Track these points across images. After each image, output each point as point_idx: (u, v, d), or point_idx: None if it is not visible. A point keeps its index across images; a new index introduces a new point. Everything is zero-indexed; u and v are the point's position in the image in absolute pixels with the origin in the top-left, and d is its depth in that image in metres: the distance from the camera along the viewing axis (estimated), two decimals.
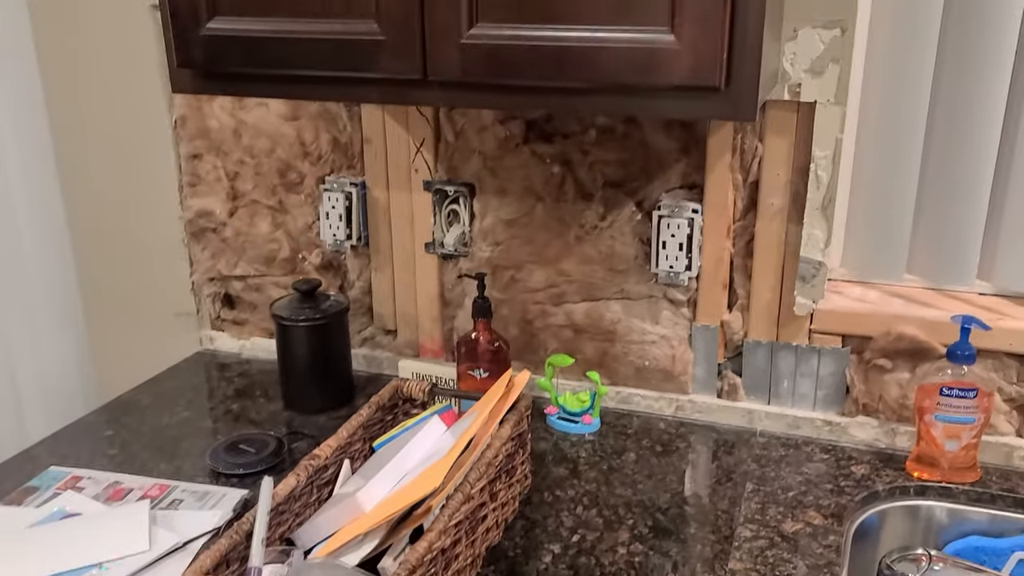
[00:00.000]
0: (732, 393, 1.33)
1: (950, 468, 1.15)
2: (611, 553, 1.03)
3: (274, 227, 1.48)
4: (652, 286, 1.31)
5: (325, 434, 1.29)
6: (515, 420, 1.06)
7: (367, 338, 1.50)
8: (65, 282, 1.63)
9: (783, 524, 1.08)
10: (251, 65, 0.96)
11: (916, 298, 1.26)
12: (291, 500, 0.93)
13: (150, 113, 1.47)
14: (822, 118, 1.14)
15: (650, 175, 1.27)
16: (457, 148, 1.34)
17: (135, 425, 1.31)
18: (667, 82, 0.83)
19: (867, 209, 1.23)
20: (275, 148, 1.42)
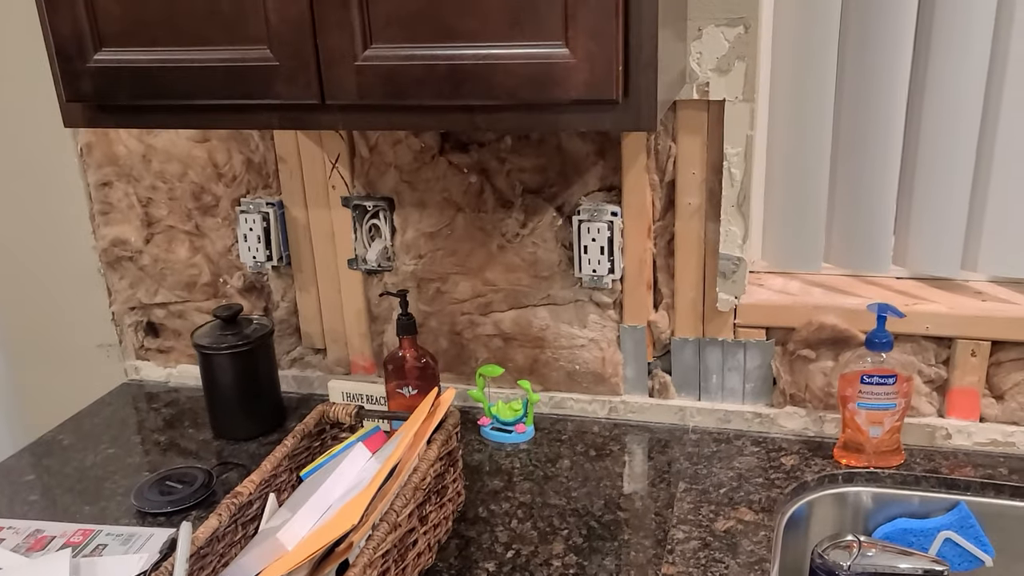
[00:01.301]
0: (663, 391, 1.34)
1: (875, 453, 1.18)
2: (546, 567, 1.03)
3: (193, 252, 1.44)
4: (577, 290, 1.31)
5: (256, 462, 1.26)
6: (443, 439, 1.05)
7: (296, 359, 1.48)
8: None
9: (715, 523, 1.09)
10: (144, 96, 0.93)
11: (836, 286, 1.28)
12: (214, 541, 0.90)
13: (54, 142, 1.42)
14: (732, 115, 1.15)
15: (568, 180, 1.26)
16: (373, 162, 1.32)
17: (57, 467, 1.27)
18: (565, 97, 0.82)
19: (782, 202, 1.24)
20: (187, 171, 1.39)
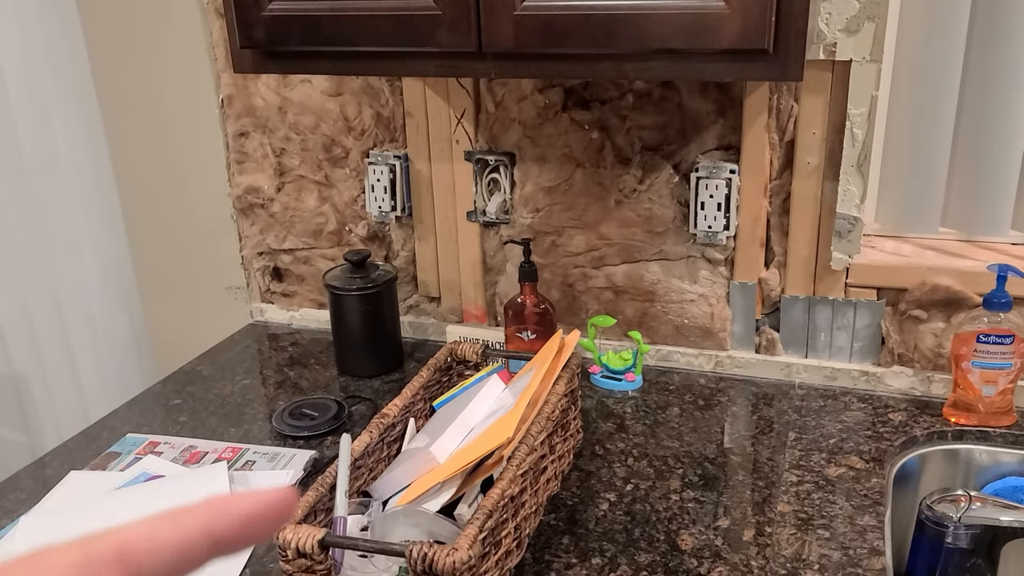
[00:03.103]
0: (770, 348, 1.38)
1: (987, 412, 1.20)
2: (664, 500, 1.08)
3: (321, 201, 1.52)
4: (690, 246, 1.35)
5: (380, 397, 1.34)
6: (568, 377, 1.11)
7: (412, 306, 1.56)
8: (119, 260, 1.68)
9: (826, 469, 1.13)
10: (311, 43, 1.00)
11: (950, 250, 1.30)
12: (366, 456, 0.98)
13: (198, 93, 1.51)
14: (858, 76, 1.17)
15: (687, 138, 1.30)
16: (497, 118, 1.38)
17: (200, 394, 1.37)
18: (717, 46, 0.86)
19: (901, 164, 1.26)
20: (320, 124, 1.47)
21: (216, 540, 0.23)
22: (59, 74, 1.55)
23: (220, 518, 0.23)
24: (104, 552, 0.22)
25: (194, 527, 0.23)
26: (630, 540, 1.01)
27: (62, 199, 1.60)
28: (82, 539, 0.22)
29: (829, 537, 1.00)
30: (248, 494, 0.24)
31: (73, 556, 0.22)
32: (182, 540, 0.23)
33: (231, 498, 0.24)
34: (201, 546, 0.23)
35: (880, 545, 0.98)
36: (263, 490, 0.24)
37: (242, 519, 0.23)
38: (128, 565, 0.22)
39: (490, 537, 0.86)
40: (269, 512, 0.24)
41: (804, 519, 1.04)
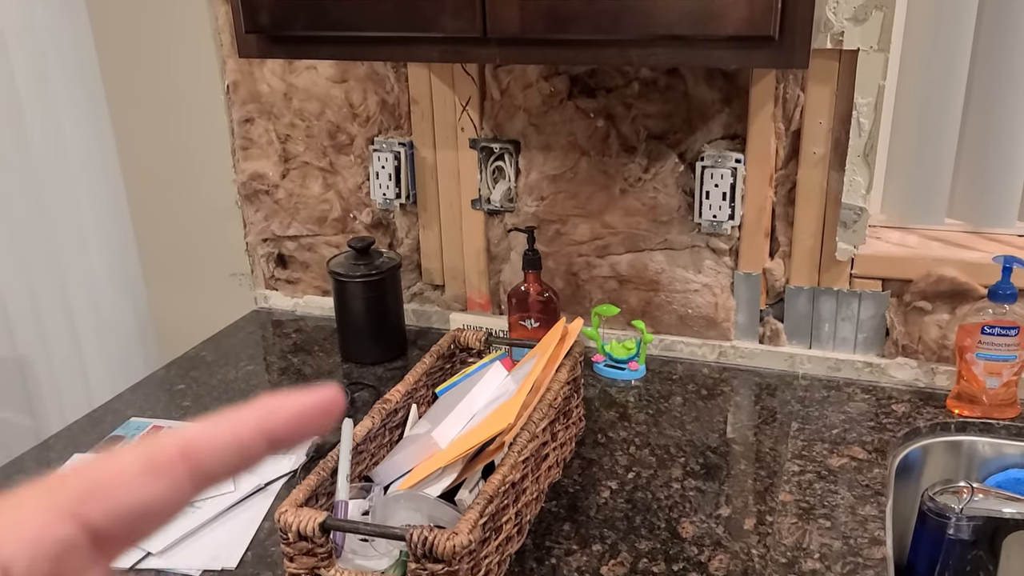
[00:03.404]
0: (774, 338, 1.37)
1: (990, 404, 1.19)
2: (666, 488, 1.08)
3: (325, 188, 1.52)
4: (695, 236, 1.35)
5: (384, 384, 1.35)
6: (570, 365, 1.11)
7: (416, 293, 1.56)
8: (124, 246, 1.69)
9: (829, 459, 1.13)
10: (315, 28, 1.00)
11: (955, 241, 1.29)
12: (367, 441, 0.98)
13: (203, 79, 1.51)
14: (865, 65, 1.17)
15: (692, 127, 1.30)
16: (502, 106, 1.37)
17: (204, 379, 1.38)
18: (722, 33, 0.86)
19: (908, 154, 1.26)
20: (324, 110, 1.47)
21: (271, 437, 0.25)
22: (65, 61, 1.55)
23: (273, 417, 0.25)
24: (168, 451, 0.23)
25: (250, 426, 0.24)
26: (631, 527, 1.01)
27: (68, 185, 1.61)
28: (146, 441, 0.24)
29: (830, 527, 1.00)
30: (298, 394, 0.25)
31: (139, 456, 0.23)
32: (240, 438, 0.24)
33: (282, 398, 0.25)
34: (257, 443, 0.24)
35: (881, 535, 0.98)
36: (311, 390, 0.26)
37: (294, 417, 0.25)
38: (191, 462, 0.23)
39: (490, 522, 0.87)
40: (318, 410, 0.25)
41: (805, 508, 1.04)
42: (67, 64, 1.56)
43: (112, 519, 0.22)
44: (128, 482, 0.23)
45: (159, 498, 0.23)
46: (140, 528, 0.23)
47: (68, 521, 0.22)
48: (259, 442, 0.24)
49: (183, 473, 0.23)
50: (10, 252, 1.63)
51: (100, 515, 0.22)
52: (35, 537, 0.22)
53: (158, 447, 0.23)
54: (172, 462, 0.23)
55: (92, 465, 0.23)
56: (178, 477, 0.23)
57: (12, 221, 1.62)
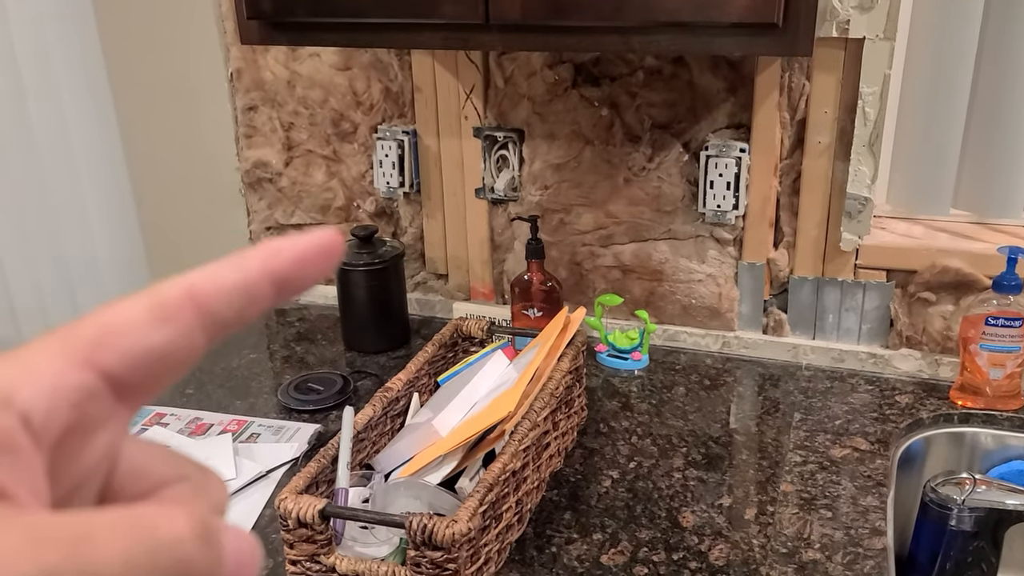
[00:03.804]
0: (778, 329, 1.37)
1: (994, 396, 1.19)
2: (667, 478, 1.08)
3: (329, 176, 1.52)
4: (699, 226, 1.35)
5: (386, 373, 1.35)
6: (572, 355, 1.11)
7: (419, 282, 1.56)
8: (128, 234, 1.69)
9: (831, 450, 1.13)
10: (317, 14, 0.99)
11: (961, 232, 1.28)
12: (368, 429, 0.99)
13: (207, 66, 1.51)
14: (870, 54, 1.16)
15: (697, 116, 1.29)
16: (506, 94, 1.37)
17: (207, 367, 1.38)
18: (725, 20, 0.85)
19: (913, 144, 1.25)
20: (328, 98, 1.46)
21: (276, 278, 0.24)
22: (69, 48, 1.55)
23: (276, 258, 0.24)
24: (173, 294, 0.23)
25: (254, 268, 0.24)
26: (631, 517, 1.01)
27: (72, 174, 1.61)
28: (152, 287, 0.23)
29: (831, 517, 1.00)
30: (298, 236, 0.25)
31: (146, 301, 0.23)
32: (245, 280, 0.23)
33: (283, 240, 0.25)
34: (263, 285, 0.24)
35: (882, 525, 0.98)
36: (311, 232, 0.25)
37: (296, 258, 0.24)
38: (198, 305, 0.23)
39: (491, 510, 0.87)
40: (320, 249, 0.25)
41: (807, 499, 1.03)
42: (71, 53, 1.56)
43: (126, 366, 0.22)
44: (138, 328, 0.22)
45: (170, 343, 0.22)
46: (156, 376, 0.22)
47: (84, 367, 0.21)
48: (265, 284, 0.24)
49: (192, 316, 0.23)
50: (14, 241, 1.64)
51: (114, 361, 0.22)
52: (53, 384, 0.21)
53: (163, 291, 0.23)
54: (180, 305, 0.22)
55: (99, 313, 0.22)
56: (187, 321, 0.23)
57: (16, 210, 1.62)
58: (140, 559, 0.20)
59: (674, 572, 0.92)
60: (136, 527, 0.20)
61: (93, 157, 1.62)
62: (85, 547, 0.19)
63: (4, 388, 0.21)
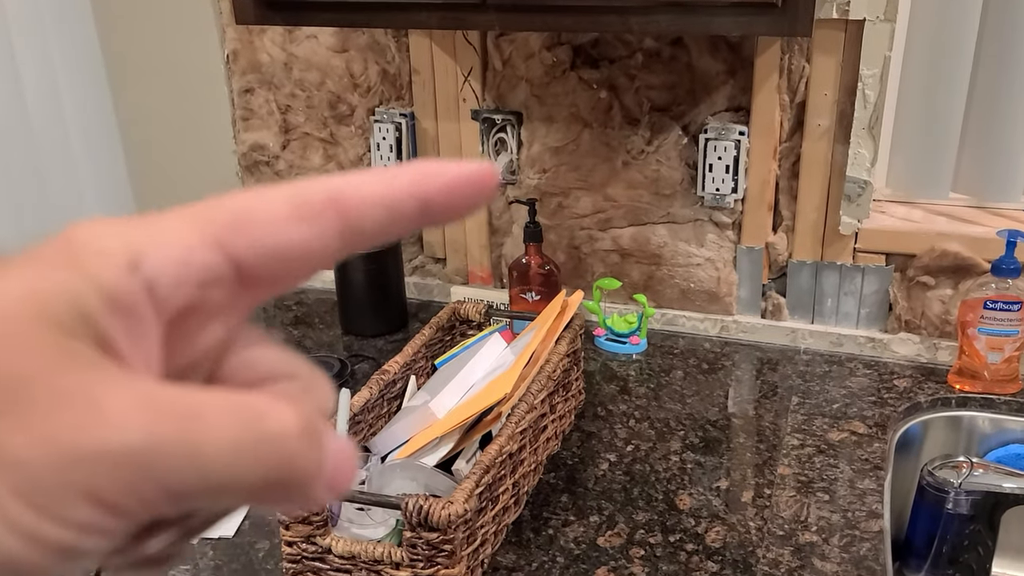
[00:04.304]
0: (776, 313, 1.37)
1: (992, 380, 1.19)
2: (664, 461, 1.08)
3: (326, 159, 1.51)
4: (698, 209, 1.34)
5: (384, 356, 1.34)
6: (570, 338, 1.11)
7: (417, 266, 1.55)
8: None
9: (829, 433, 1.13)
10: None
11: (960, 216, 1.28)
12: (365, 411, 0.98)
13: (202, 48, 1.50)
14: (870, 36, 1.15)
15: (696, 99, 1.28)
16: (504, 76, 1.36)
17: None
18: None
19: (913, 127, 1.24)
20: (325, 80, 1.45)
21: (424, 202, 0.23)
22: (63, 29, 1.54)
23: (428, 179, 0.23)
24: (318, 195, 0.22)
25: (403, 186, 0.22)
26: (628, 499, 1.01)
27: (68, 158, 1.60)
28: (294, 183, 0.22)
29: (828, 500, 1.00)
30: (453, 162, 0.23)
31: (288, 197, 0.22)
32: (392, 196, 0.22)
33: (438, 163, 0.23)
34: (409, 206, 0.22)
35: (879, 508, 0.98)
36: (467, 160, 0.24)
37: (450, 183, 0.23)
38: (340, 212, 0.22)
39: (487, 492, 0.87)
40: (474, 180, 0.23)
41: (804, 482, 1.03)
42: (65, 32, 1.55)
43: (257, 257, 0.21)
44: (276, 220, 0.21)
45: (305, 243, 0.21)
46: (284, 273, 0.22)
47: (215, 248, 0.21)
48: (411, 205, 0.22)
49: (332, 221, 0.21)
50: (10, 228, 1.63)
51: (245, 249, 0.21)
52: (182, 257, 0.20)
53: (307, 190, 0.22)
54: (322, 207, 0.21)
55: (239, 198, 0.21)
56: (326, 225, 0.21)
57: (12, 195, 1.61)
58: (246, 447, 0.19)
59: (670, 554, 0.92)
60: (246, 415, 0.20)
61: (89, 141, 1.61)
62: (195, 425, 0.19)
63: (133, 251, 0.20)
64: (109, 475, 0.18)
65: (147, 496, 0.19)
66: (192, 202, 0.22)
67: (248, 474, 0.19)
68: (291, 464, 0.20)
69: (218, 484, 0.19)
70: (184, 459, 0.19)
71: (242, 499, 0.20)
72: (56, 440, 0.18)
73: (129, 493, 0.18)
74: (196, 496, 0.19)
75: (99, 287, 0.19)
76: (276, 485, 0.20)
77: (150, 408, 0.19)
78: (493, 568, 0.91)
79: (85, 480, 0.18)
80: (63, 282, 0.19)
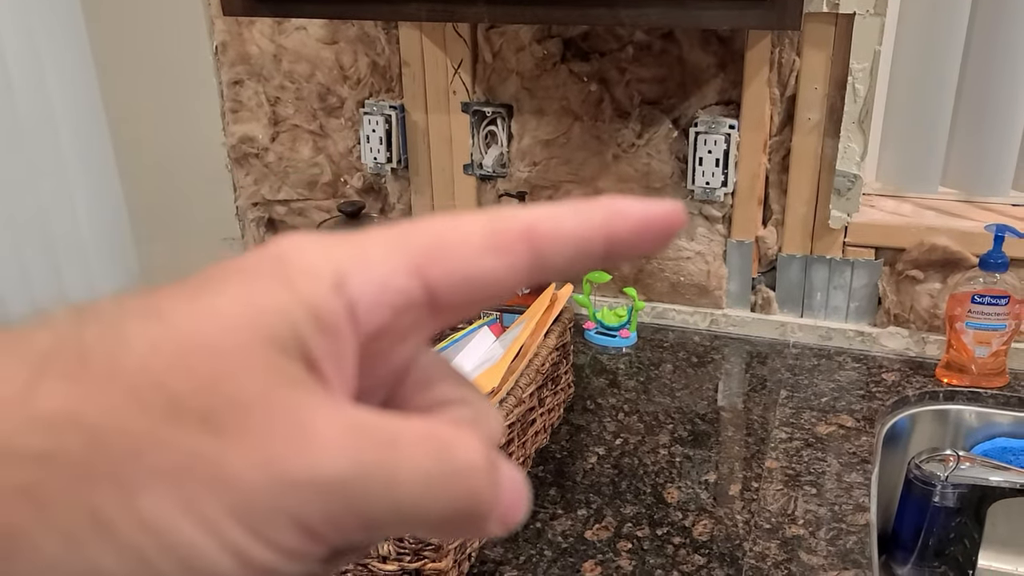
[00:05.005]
0: (766, 306, 1.37)
1: (979, 373, 1.19)
2: (653, 454, 1.08)
3: (316, 151, 1.51)
4: (688, 203, 1.34)
5: None
6: (559, 331, 1.11)
7: None
8: (114, 212, 1.68)
9: (817, 427, 1.13)
10: None
11: (949, 210, 1.28)
12: None
13: (191, 40, 1.49)
14: (861, 30, 1.15)
15: (687, 92, 1.28)
16: (495, 69, 1.35)
17: None
18: None
19: (903, 121, 1.24)
20: (315, 72, 1.45)
21: (612, 240, 0.23)
22: (51, 21, 1.53)
23: (619, 218, 0.23)
24: (514, 228, 0.22)
25: (596, 223, 0.23)
26: (616, 493, 1.01)
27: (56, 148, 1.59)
28: (491, 212, 0.22)
29: (816, 493, 1.01)
30: (644, 202, 0.23)
31: (485, 227, 0.22)
32: (583, 233, 0.22)
33: (629, 201, 0.23)
34: (598, 243, 0.23)
35: (865, 502, 0.99)
36: (658, 201, 0.24)
37: (640, 224, 0.23)
38: (532, 246, 0.22)
39: None
40: (663, 223, 0.23)
41: (792, 475, 1.04)
42: (53, 24, 1.53)
43: (450, 284, 0.21)
44: (471, 250, 0.21)
45: (496, 274, 0.22)
46: (470, 302, 0.22)
47: (413, 274, 0.21)
48: (600, 244, 0.22)
49: (524, 254, 0.22)
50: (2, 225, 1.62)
51: (440, 277, 0.21)
52: (384, 281, 0.21)
53: (504, 222, 0.22)
54: (516, 240, 0.22)
55: (436, 224, 0.22)
56: (519, 257, 0.22)
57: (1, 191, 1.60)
58: (437, 480, 0.19)
59: (658, 547, 0.92)
60: (437, 445, 0.20)
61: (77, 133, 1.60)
62: (392, 455, 0.19)
63: (338, 270, 0.20)
64: (317, 503, 0.18)
65: (346, 524, 0.19)
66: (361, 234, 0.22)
67: (436, 506, 0.19)
68: (476, 498, 0.20)
69: (408, 515, 0.19)
70: (382, 489, 0.19)
71: (424, 530, 0.20)
72: (272, 464, 0.18)
73: (332, 521, 0.19)
74: (387, 526, 0.19)
75: (308, 306, 0.20)
76: (458, 518, 0.20)
77: (356, 435, 0.19)
78: (481, 561, 0.91)
79: (296, 507, 0.18)
80: (278, 299, 0.20)
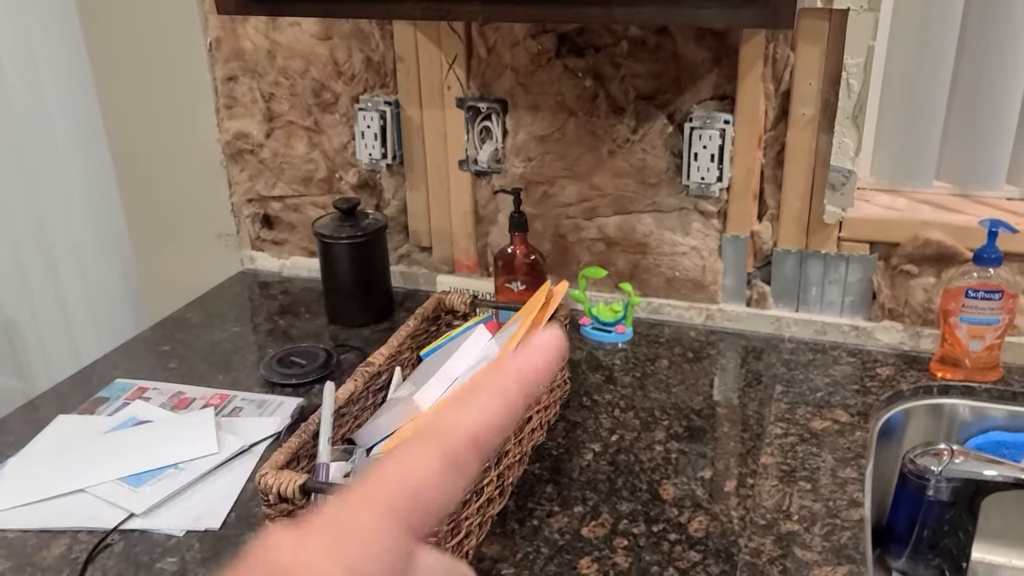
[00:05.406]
0: (761, 301, 1.37)
1: (973, 368, 1.20)
2: (649, 450, 1.09)
3: (311, 147, 1.51)
4: (683, 198, 1.34)
5: (370, 346, 1.34)
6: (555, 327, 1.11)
7: (403, 255, 1.55)
8: (109, 207, 1.67)
9: (811, 422, 1.14)
10: None
11: (944, 204, 1.28)
12: (350, 403, 0.98)
13: (185, 36, 1.48)
14: (855, 25, 1.15)
15: (681, 87, 1.28)
16: (489, 64, 1.35)
17: (189, 340, 1.37)
18: None
19: (897, 116, 1.24)
20: (309, 68, 1.44)
21: (528, 396, 0.27)
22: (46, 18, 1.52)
23: (528, 383, 0.27)
24: (464, 444, 0.26)
25: (517, 400, 0.27)
26: (613, 489, 1.02)
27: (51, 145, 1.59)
28: (432, 433, 0.26)
29: (811, 489, 1.01)
30: (532, 351, 0.28)
31: (440, 454, 0.25)
32: (512, 413, 0.27)
33: (524, 359, 0.28)
34: (521, 406, 0.27)
35: (860, 497, 0.99)
36: (541, 340, 0.28)
37: (543, 372, 0.28)
38: (479, 448, 0.26)
39: (471, 484, 0.87)
40: (556, 357, 0.28)
41: (787, 471, 1.04)
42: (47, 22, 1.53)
43: (429, 516, 0.25)
44: (437, 482, 0.25)
45: (460, 485, 0.26)
46: (439, 517, 0.26)
47: (404, 532, 0.24)
48: (522, 405, 0.27)
49: (475, 458, 0.26)
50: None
51: (422, 517, 0.25)
52: (380, 557, 0.24)
53: (453, 442, 0.25)
54: (467, 452, 0.25)
55: (405, 472, 0.25)
56: (473, 463, 0.26)
57: None
58: None
59: (653, 544, 0.93)
60: None
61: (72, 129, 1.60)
62: None
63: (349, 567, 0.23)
64: None
65: None
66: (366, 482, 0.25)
67: None
68: None
69: None
70: None
71: None
72: None
73: None
74: None
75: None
76: None
77: None
78: (478, 559, 0.91)
79: None
80: None
